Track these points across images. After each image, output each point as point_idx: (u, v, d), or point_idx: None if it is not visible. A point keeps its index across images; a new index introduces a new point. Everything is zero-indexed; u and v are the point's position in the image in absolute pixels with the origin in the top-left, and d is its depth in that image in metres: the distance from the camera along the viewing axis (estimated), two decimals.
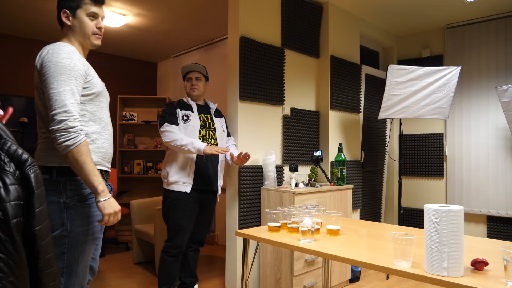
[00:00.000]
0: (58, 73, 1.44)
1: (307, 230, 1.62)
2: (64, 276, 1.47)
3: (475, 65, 4.07)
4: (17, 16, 4.06)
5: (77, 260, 1.50)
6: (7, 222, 0.97)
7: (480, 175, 3.98)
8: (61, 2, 1.64)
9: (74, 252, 1.48)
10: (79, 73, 1.50)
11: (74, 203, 1.48)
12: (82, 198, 1.50)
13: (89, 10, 1.63)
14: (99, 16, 1.66)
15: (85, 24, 1.63)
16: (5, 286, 0.95)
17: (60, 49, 1.50)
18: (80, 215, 1.49)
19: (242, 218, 2.94)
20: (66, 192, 1.48)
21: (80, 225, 1.49)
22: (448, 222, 1.17)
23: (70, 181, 1.49)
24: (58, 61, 1.47)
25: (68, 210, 1.47)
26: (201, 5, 3.76)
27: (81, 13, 1.62)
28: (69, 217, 1.47)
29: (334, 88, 3.66)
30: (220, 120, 2.83)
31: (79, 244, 1.49)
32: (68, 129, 1.40)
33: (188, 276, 2.87)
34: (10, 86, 4.62)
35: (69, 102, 1.42)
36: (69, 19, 1.64)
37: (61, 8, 1.64)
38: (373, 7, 3.83)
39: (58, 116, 1.40)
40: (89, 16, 1.63)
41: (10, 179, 1.01)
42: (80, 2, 1.61)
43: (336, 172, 3.28)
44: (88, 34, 1.64)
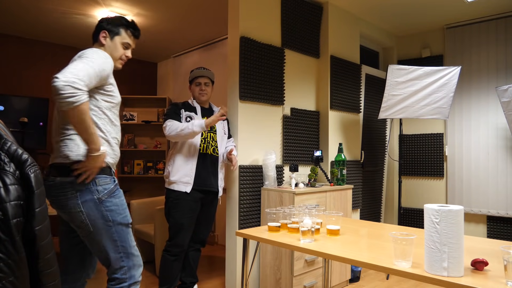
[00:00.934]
0: (87, 60, 1.56)
1: (307, 230, 1.62)
2: (124, 261, 1.69)
3: (475, 65, 4.07)
4: (18, 16, 4.06)
5: (129, 243, 1.71)
6: (7, 222, 0.97)
7: (480, 175, 3.98)
8: (104, 23, 1.83)
9: (123, 237, 1.69)
10: (106, 73, 1.64)
11: (106, 197, 1.65)
12: (111, 191, 1.68)
13: (125, 40, 1.85)
14: (130, 47, 1.88)
15: (117, 50, 1.83)
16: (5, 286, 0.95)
17: (101, 51, 1.68)
18: (116, 205, 1.67)
19: (242, 218, 2.94)
20: (97, 189, 1.63)
21: (118, 213, 1.68)
22: (448, 222, 1.17)
23: (99, 178, 1.64)
24: (95, 57, 1.61)
25: (103, 204, 1.64)
26: (201, 5, 3.76)
27: (118, 39, 1.83)
28: (106, 209, 1.65)
29: (334, 88, 3.66)
30: (222, 123, 2.86)
31: (124, 229, 1.70)
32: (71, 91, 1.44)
33: (188, 276, 2.87)
34: (10, 86, 4.62)
35: (82, 74, 1.49)
36: (105, 40, 1.82)
37: (102, 28, 1.82)
38: (373, 7, 3.83)
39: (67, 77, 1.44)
40: (123, 45, 1.85)
41: (10, 179, 1.01)
42: (121, 31, 1.83)
43: (336, 172, 3.28)
44: (116, 58, 1.83)
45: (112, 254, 1.68)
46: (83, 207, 1.61)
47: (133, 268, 1.72)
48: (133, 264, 1.72)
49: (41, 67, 4.88)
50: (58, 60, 5.03)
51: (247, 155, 3.02)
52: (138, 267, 1.75)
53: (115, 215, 1.67)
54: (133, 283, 1.72)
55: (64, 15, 4.00)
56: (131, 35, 1.87)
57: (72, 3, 3.69)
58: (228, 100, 3.04)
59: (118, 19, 1.86)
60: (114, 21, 1.84)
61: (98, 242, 1.66)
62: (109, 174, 1.70)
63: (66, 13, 3.96)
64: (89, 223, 1.63)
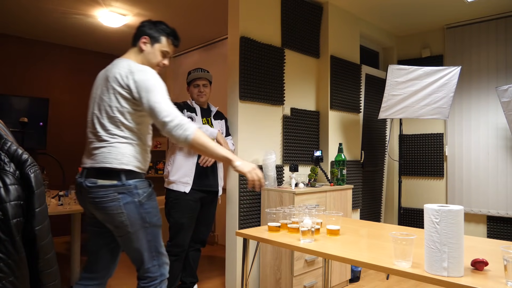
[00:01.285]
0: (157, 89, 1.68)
1: (307, 230, 1.62)
2: (156, 258, 1.78)
3: (475, 65, 4.07)
4: (18, 16, 4.06)
5: (160, 243, 1.80)
6: (7, 222, 0.97)
7: (480, 175, 3.98)
8: (146, 29, 1.87)
9: (156, 237, 1.78)
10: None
11: (145, 200, 1.73)
12: (149, 194, 1.76)
13: (165, 48, 1.88)
14: (169, 55, 1.92)
15: (156, 57, 1.87)
16: (5, 286, 0.95)
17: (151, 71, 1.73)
18: (152, 208, 1.76)
19: (242, 218, 2.94)
20: (137, 192, 1.71)
21: (154, 215, 1.76)
22: (448, 222, 1.17)
23: (139, 183, 1.72)
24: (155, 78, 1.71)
25: (143, 207, 1.72)
26: (201, 5, 3.76)
27: (158, 47, 1.86)
28: (145, 211, 1.73)
29: (334, 88, 3.66)
30: (220, 123, 2.88)
31: (157, 229, 1.79)
32: (180, 124, 1.61)
33: (188, 276, 2.88)
34: (10, 86, 4.62)
35: (173, 108, 1.66)
36: (145, 45, 1.85)
37: (143, 33, 1.86)
38: (373, 7, 3.83)
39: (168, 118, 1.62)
40: (162, 53, 1.88)
41: (10, 179, 1.01)
42: (162, 38, 1.86)
43: (336, 172, 3.28)
44: (153, 64, 1.86)
45: (146, 254, 1.76)
46: (124, 209, 1.68)
47: (162, 266, 1.81)
48: (162, 262, 1.81)
49: (41, 67, 4.88)
50: (58, 60, 5.03)
51: (247, 155, 3.01)
52: (166, 265, 1.85)
53: (152, 217, 1.75)
54: (163, 280, 1.82)
55: (64, 15, 4.00)
56: (171, 44, 1.90)
57: (72, 3, 3.69)
58: (228, 100, 3.04)
59: (161, 26, 1.88)
60: (157, 28, 1.87)
61: (134, 242, 1.74)
62: (144, 179, 1.79)
63: (66, 13, 3.96)
64: (128, 224, 1.70)
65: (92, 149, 1.76)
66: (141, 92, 1.66)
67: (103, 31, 4.49)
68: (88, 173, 1.73)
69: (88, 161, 1.76)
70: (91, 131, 1.81)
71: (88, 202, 1.73)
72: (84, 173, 1.75)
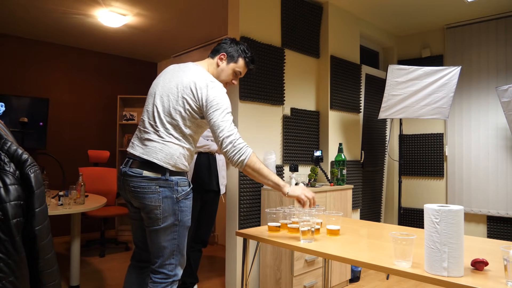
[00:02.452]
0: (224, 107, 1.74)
1: (307, 230, 1.62)
2: (175, 257, 1.81)
3: (475, 65, 4.07)
4: (18, 16, 4.06)
5: (183, 243, 1.84)
6: (7, 222, 0.97)
7: (480, 175, 3.98)
8: (227, 46, 1.94)
9: (182, 237, 1.82)
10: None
11: (183, 197, 1.79)
12: (187, 193, 1.82)
13: (239, 69, 1.94)
14: (240, 75, 1.97)
15: (228, 75, 1.93)
16: (5, 286, 0.95)
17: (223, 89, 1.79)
18: (187, 207, 1.82)
19: (242, 218, 2.94)
20: (177, 189, 1.77)
21: (186, 215, 1.82)
22: (448, 222, 1.17)
23: (180, 180, 1.79)
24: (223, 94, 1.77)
25: (179, 204, 1.78)
26: (201, 5, 3.76)
27: (232, 66, 1.93)
28: (179, 209, 1.78)
29: (334, 88, 3.66)
30: None
31: (185, 230, 1.83)
32: (238, 148, 1.68)
33: (188, 276, 2.88)
34: (10, 86, 4.62)
35: (234, 128, 1.72)
36: (222, 62, 1.93)
37: (224, 50, 1.93)
38: (373, 7, 3.83)
39: (228, 139, 1.68)
40: (235, 72, 1.94)
41: (10, 179, 1.01)
42: (238, 59, 1.93)
43: (336, 172, 3.28)
44: (223, 82, 1.91)
45: (168, 250, 1.79)
46: (162, 202, 1.74)
47: (178, 267, 1.85)
48: (180, 263, 1.85)
49: (41, 67, 4.88)
50: (58, 60, 5.03)
51: None
52: (182, 267, 1.88)
53: (184, 216, 1.81)
54: (175, 281, 1.85)
55: (64, 15, 4.00)
56: (245, 66, 1.96)
57: (72, 3, 3.69)
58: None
59: (241, 46, 1.94)
60: (237, 48, 1.93)
61: (161, 237, 1.78)
62: (186, 177, 1.85)
63: (66, 13, 3.96)
64: (161, 217, 1.76)
65: (146, 140, 1.79)
66: (210, 108, 1.72)
67: (103, 31, 4.49)
68: (135, 163, 1.78)
69: (139, 150, 1.80)
70: (149, 122, 1.82)
71: (128, 190, 1.79)
72: (129, 163, 1.80)
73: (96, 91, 5.36)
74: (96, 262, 3.96)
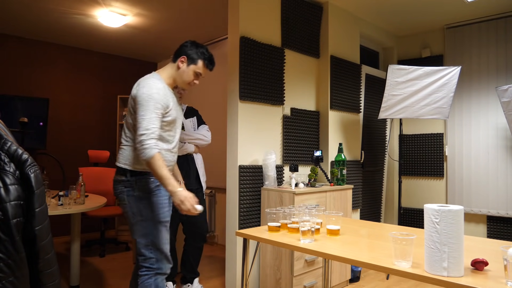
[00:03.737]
0: (146, 103, 1.85)
1: (307, 230, 1.62)
2: (152, 252, 1.94)
3: (475, 65, 4.07)
4: (18, 16, 4.06)
5: (159, 238, 1.95)
6: (7, 222, 0.97)
7: (480, 175, 3.98)
8: (187, 49, 2.04)
9: (155, 232, 1.94)
10: (163, 106, 1.90)
11: (143, 195, 1.94)
12: (151, 190, 1.95)
13: (198, 70, 2.04)
14: (201, 76, 2.08)
15: (189, 76, 2.04)
16: (5, 286, 0.95)
17: (151, 85, 1.90)
18: (152, 204, 1.94)
19: (242, 218, 2.94)
20: (139, 187, 1.94)
21: (152, 211, 1.94)
22: (448, 222, 1.17)
23: (139, 180, 1.94)
24: (149, 93, 1.87)
25: (142, 201, 1.93)
26: (201, 5, 3.76)
27: (193, 67, 2.03)
28: (144, 206, 1.94)
29: (334, 88, 3.66)
30: (192, 120, 3.01)
31: (157, 225, 1.95)
32: (142, 145, 1.80)
33: (188, 271, 3.02)
34: (10, 86, 4.62)
35: (151, 126, 1.83)
36: (182, 64, 2.03)
37: (184, 53, 2.03)
38: (373, 7, 3.83)
39: (140, 136, 1.81)
40: (195, 73, 2.04)
41: (10, 179, 1.01)
42: (198, 61, 2.03)
43: (336, 172, 3.28)
44: (185, 82, 2.05)
45: (142, 245, 1.94)
46: (127, 201, 1.95)
47: (160, 261, 1.95)
48: (160, 257, 1.95)
49: (41, 67, 4.88)
50: (58, 60, 5.03)
51: (247, 155, 3.02)
52: (166, 261, 1.98)
53: (148, 212, 1.94)
54: (159, 274, 1.97)
55: (64, 15, 4.00)
56: (205, 67, 2.06)
57: (72, 3, 3.69)
58: (228, 100, 3.04)
59: (201, 49, 2.05)
60: (197, 50, 2.04)
61: (135, 233, 1.96)
62: (147, 177, 1.96)
63: (66, 13, 3.96)
64: (130, 215, 1.95)
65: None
66: (136, 105, 1.88)
67: (103, 31, 4.49)
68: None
69: None
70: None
71: None
72: None
73: (96, 91, 5.36)
74: (96, 262, 3.95)
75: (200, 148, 3.01)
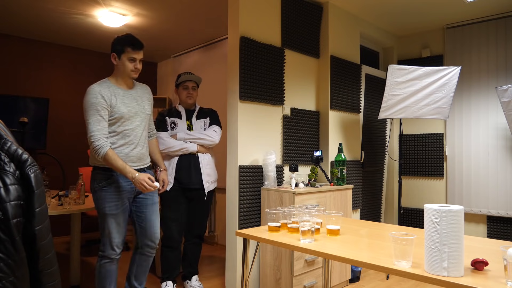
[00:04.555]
0: (88, 109, 2.16)
1: (307, 230, 1.62)
2: (102, 239, 2.28)
3: (475, 65, 4.07)
4: (18, 16, 4.06)
5: (107, 227, 2.25)
6: (7, 222, 0.97)
7: (480, 175, 3.98)
8: (112, 47, 2.27)
9: (104, 222, 2.25)
10: (103, 107, 2.16)
11: (97, 189, 2.24)
12: (101, 186, 2.24)
13: (130, 55, 2.24)
14: (137, 59, 2.27)
15: (126, 65, 2.25)
16: (5, 286, 0.95)
17: (89, 92, 2.17)
18: (100, 198, 2.24)
19: (242, 218, 2.94)
20: (94, 182, 2.25)
21: (101, 203, 2.24)
22: (448, 222, 1.17)
23: (97, 175, 2.25)
24: (87, 100, 2.16)
25: (96, 194, 2.25)
26: (201, 5, 3.76)
27: (124, 57, 2.24)
28: (96, 198, 2.26)
29: (334, 88, 3.66)
30: (203, 121, 3.01)
31: (105, 217, 2.25)
32: (94, 147, 2.12)
33: (187, 267, 3.06)
34: (10, 86, 4.62)
35: (95, 128, 2.13)
36: (115, 60, 2.27)
37: (112, 50, 2.26)
38: (373, 7, 3.83)
39: (89, 139, 2.13)
40: (129, 60, 2.24)
41: (10, 179, 1.01)
42: (123, 49, 2.23)
43: (336, 172, 3.28)
44: (128, 72, 2.27)
45: (100, 232, 2.30)
46: (92, 193, 2.29)
47: (104, 246, 2.27)
48: (104, 242, 2.26)
49: (41, 67, 4.88)
50: (58, 60, 5.03)
51: (247, 155, 3.02)
52: (109, 247, 2.27)
53: (99, 204, 2.25)
54: (102, 256, 2.29)
55: (64, 15, 4.00)
56: (133, 50, 2.23)
57: (72, 3, 3.69)
58: (228, 100, 3.04)
59: (119, 39, 2.25)
60: (118, 42, 2.24)
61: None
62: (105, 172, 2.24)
63: (66, 13, 3.96)
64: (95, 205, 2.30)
65: None
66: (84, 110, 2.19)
67: (103, 31, 4.49)
68: None
69: None
70: None
71: None
72: None
73: None
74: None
75: (208, 149, 2.98)
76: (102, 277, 2.30)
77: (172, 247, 2.91)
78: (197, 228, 3.04)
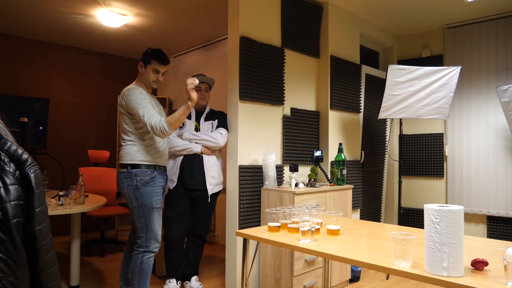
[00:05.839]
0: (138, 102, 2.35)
1: (307, 230, 1.62)
2: (145, 232, 2.39)
3: (475, 65, 4.06)
4: (18, 16, 4.06)
5: (152, 221, 2.40)
6: (7, 222, 0.97)
7: (480, 175, 3.98)
8: (142, 56, 2.51)
9: (148, 216, 2.39)
10: (150, 100, 2.44)
11: (141, 185, 2.38)
12: (146, 182, 2.40)
13: (154, 67, 2.48)
14: (160, 72, 2.51)
15: (149, 75, 2.50)
16: (5, 286, 0.95)
17: (133, 91, 2.42)
18: (146, 192, 2.39)
19: (242, 218, 2.94)
20: (136, 179, 2.38)
21: (147, 198, 2.39)
22: (448, 222, 1.17)
23: (139, 171, 2.39)
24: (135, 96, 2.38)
25: (138, 190, 2.38)
26: (201, 5, 3.76)
27: (149, 67, 2.49)
28: (140, 194, 2.39)
29: (334, 88, 3.66)
30: (211, 123, 3.01)
31: (150, 211, 2.40)
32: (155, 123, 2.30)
33: (188, 268, 3.05)
34: (10, 86, 4.62)
35: (151, 113, 2.33)
36: (141, 68, 2.52)
37: (141, 60, 2.51)
38: (373, 7, 3.83)
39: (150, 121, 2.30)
40: (153, 71, 2.49)
41: (10, 179, 1.01)
42: (150, 61, 2.47)
43: (336, 172, 3.28)
44: (149, 82, 2.52)
45: (138, 226, 2.40)
46: (126, 189, 2.40)
47: (149, 241, 2.38)
48: (149, 237, 2.39)
49: (41, 67, 4.88)
50: (58, 60, 5.03)
51: (247, 155, 3.02)
52: (155, 241, 2.41)
53: (144, 199, 2.39)
54: (147, 252, 2.39)
55: (64, 15, 4.00)
56: (158, 63, 2.46)
57: (72, 3, 3.69)
58: (228, 100, 3.04)
59: (150, 51, 2.48)
60: (147, 53, 2.47)
61: (133, 215, 2.43)
62: (147, 169, 2.42)
63: (66, 13, 3.96)
64: (129, 201, 2.42)
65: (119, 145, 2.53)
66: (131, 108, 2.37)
67: (103, 31, 4.49)
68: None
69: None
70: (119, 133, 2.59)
71: None
72: None
73: (96, 91, 5.36)
74: (96, 262, 3.96)
75: (213, 151, 2.97)
76: (144, 274, 2.38)
77: (173, 248, 2.91)
78: (199, 230, 3.04)
